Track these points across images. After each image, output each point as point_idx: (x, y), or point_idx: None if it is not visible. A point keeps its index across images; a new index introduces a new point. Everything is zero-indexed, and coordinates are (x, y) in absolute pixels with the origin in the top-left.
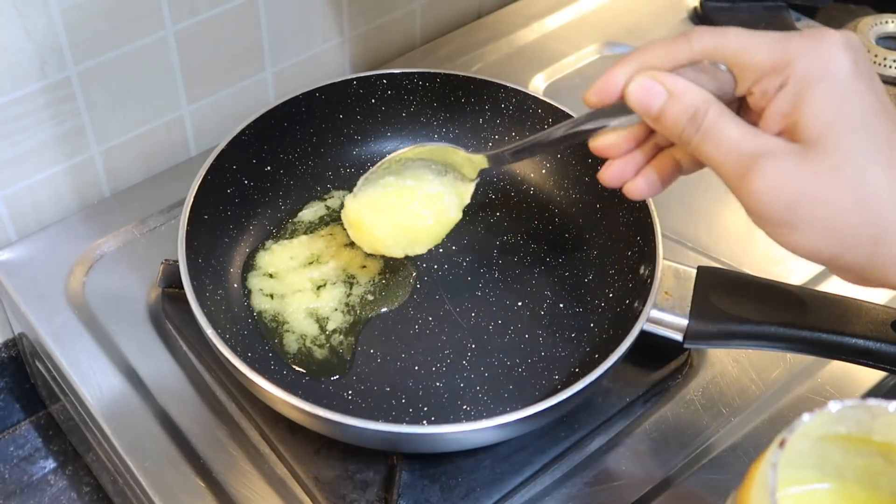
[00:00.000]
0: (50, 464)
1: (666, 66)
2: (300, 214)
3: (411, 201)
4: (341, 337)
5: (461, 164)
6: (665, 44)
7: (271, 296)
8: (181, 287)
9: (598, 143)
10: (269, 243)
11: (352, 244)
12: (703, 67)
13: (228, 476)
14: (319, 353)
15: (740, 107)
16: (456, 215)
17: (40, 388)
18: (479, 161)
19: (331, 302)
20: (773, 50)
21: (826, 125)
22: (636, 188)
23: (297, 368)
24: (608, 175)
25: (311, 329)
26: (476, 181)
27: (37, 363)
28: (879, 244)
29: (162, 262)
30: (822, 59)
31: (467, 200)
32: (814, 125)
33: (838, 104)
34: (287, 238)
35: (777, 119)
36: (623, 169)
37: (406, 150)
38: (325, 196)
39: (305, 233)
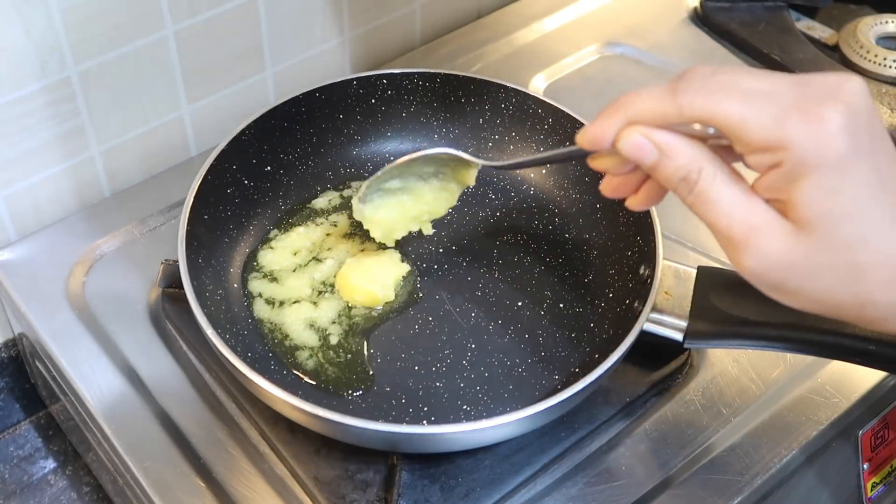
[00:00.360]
0: (50, 464)
1: (655, 124)
2: (314, 202)
3: (417, 209)
4: (348, 355)
5: (460, 160)
6: (654, 99)
7: (272, 304)
8: (181, 287)
9: (597, 164)
10: (274, 232)
11: (353, 235)
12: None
13: (228, 476)
14: (334, 371)
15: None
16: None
17: (40, 388)
18: (478, 163)
19: (329, 313)
20: (768, 130)
21: (819, 215)
22: (637, 202)
23: (311, 382)
24: (609, 189)
25: (312, 340)
26: (479, 167)
27: (37, 363)
28: (864, 309)
29: (162, 262)
30: (819, 147)
31: (471, 183)
32: (806, 213)
33: (832, 194)
34: (293, 227)
35: (768, 191)
36: (623, 184)
37: (407, 158)
38: (341, 186)
39: (311, 221)
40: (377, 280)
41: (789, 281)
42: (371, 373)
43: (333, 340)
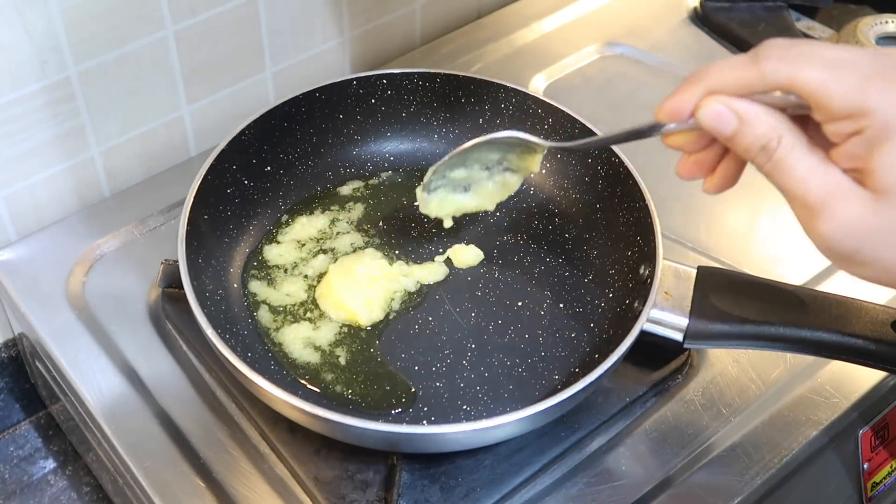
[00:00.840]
0: (50, 464)
1: (737, 92)
2: (339, 189)
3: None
4: (379, 371)
5: (527, 143)
6: (735, 68)
7: (271, 312)
8: (181, 287)
9: (672, 141)
10: (285, 217)
11: (359, 225)
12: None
13: (228, 476)
14: (371, 392)
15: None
16: (516, 183)
17: (40, 388)
18: (544, 145)
19: (328, 334)
20: (851, 97)
21: None
22: (714, 184)
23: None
24: (685, 169)
25: (313, 358)
26: (545, 150)
27: (37, 363)
28: None
29: (162, 262)
30: None
31: (536, 169)
32: (886, 180)
33: None
34: (298, 217)
35: (848, 159)
36: (700, 163)
37: (472, 143)
38: (369, 177)
39: (319, 209)
40: (363, 296)
41: (863, 250)
42: (413, 390)
43: (343, 361)
